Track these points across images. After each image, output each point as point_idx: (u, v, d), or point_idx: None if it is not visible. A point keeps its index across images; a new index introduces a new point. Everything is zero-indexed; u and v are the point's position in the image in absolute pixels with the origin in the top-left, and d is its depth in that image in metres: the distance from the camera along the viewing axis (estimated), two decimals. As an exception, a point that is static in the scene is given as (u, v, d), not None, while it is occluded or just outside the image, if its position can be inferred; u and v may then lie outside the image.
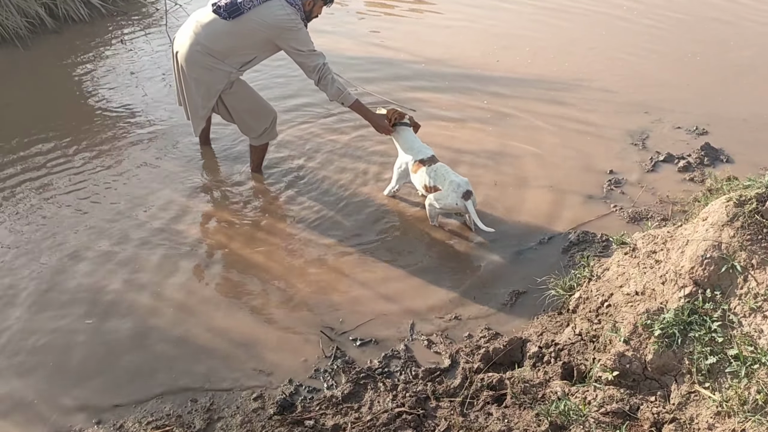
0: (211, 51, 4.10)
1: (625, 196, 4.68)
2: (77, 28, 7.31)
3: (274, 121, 4.59)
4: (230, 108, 4.41)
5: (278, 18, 4.06)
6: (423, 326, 3.60)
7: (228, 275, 3.96)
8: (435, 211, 4.25)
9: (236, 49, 4.14)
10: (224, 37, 4.09)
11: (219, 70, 4.18)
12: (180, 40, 4.20)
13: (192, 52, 4.12)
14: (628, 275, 3.29)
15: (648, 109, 5.89)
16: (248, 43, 4.15)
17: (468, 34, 7.63)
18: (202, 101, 4.32)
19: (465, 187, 4.06)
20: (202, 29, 4.09)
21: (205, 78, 4.21)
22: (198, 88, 4.26)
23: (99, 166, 4.91)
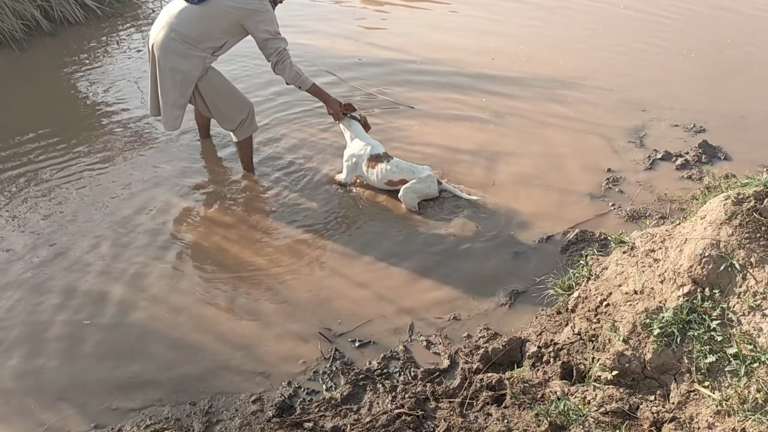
0: (185, 37, 4.15)
1: (624, 194, 4.67)
2: (73, 29, 7.30)
3: (251, 113, 4.61)
4: (206, 98, 4.44)
5: (246, 3, 4.16)
6: (422, 327, 3.59)
7: (224, 277, 3.94)
8: (414, 199, 4.48)
9: (208, 33, 4.20)
10: (196, 23, 4.15)
11: (194, 56, 4.22)
12: (154, 32, 4.25)
13: (167, 41, 4.16)
14: (627, 274, 3.29)
15: (645, 106, 5.90)
16: (219, 26, 4.20)
17: (462, 33, 7.65)
18: (180, 90, 4.32)
19: (434, 176, 4.52)
20: (175, 18, 4.16)
21: (181, 66, 4.23)
22: (174, 76, 4.26)
23: (95, 167, 4.89)
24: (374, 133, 5.11)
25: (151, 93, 4.50)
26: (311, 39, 7.24)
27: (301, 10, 8.26)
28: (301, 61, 6.55)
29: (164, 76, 4.29)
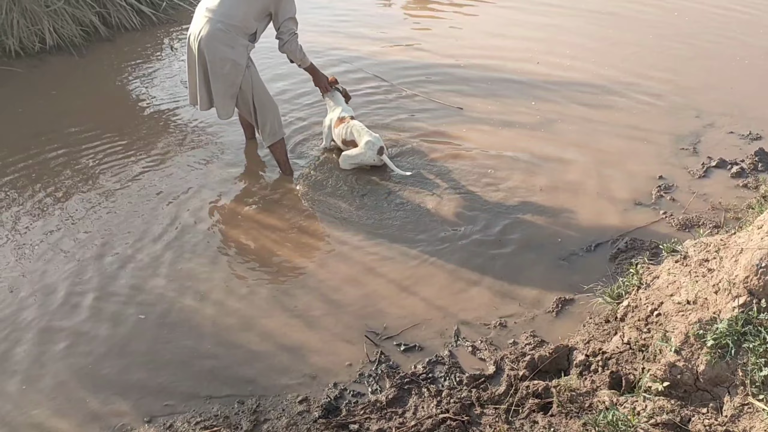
0: (230, 27, 4.30)
1: (676, 202, 4.58)
2: (129, 35, 7.51)
3: (277, 116, 4.75)
4: (244, 91, 4.54)
5: None
6: (467, 332, 3.59)
7: (274, 279, 4.01)
8: (348, 162, 4.92)
9: (247, 21, 4.36)
10: (237, 10, 4.31)
11: (239, 45, 4.37)
12: (197, 26, 4.36)
13: (214, 31, 4.28)
14: (679, 284, 3.22)
15: (698, 112, 5.78)
16: (253, 13, 4.36)
17: (508, 37, 7.62)
18: (231, 79, 4.44)
19: (378, 143, 4.81)
20: (217, 8, 4.30)
21: (230, 55, 4.35)
22: (224, 66, 4.38)
23: (149, 168, 5.02)
24: (423, 136, 5.22)
25: (191, 84, 4.64)
26: (355, 44, 7.31)
27: (348, 15, 8.36)
28: (347, 66, 6.70)
29: (215, 68, 4.40)
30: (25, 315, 3.67)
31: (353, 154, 4.87)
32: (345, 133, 4.94)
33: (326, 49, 7.15)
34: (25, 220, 4.44)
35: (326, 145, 5.23)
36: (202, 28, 4.32)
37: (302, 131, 5.53)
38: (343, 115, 5.03)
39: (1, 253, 4.13)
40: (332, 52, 7.10)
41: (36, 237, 4.27)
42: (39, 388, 3.25)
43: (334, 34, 7.68)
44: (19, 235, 4.30)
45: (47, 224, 4.40)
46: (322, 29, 7.77)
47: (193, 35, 4.40)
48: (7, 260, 4.07)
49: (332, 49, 7.18)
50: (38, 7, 6.80)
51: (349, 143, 4.94)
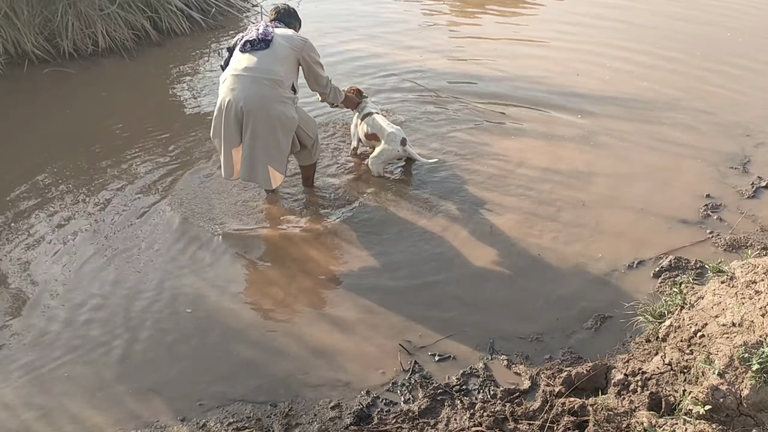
0: (276, 82, 4.13)
1: (723, 222, 4.46)
2: (179, 40, 7.67)
3: (318, 135, 4.70)
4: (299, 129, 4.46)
5: (295, 36, 4.33)
6: (503, 345, 3.54)
7: (310, 285, 4.01)
8: (377, 165, 4.94)
9: (287, 73, 4.21)
10: (276, 64, 4.15)
11: (288, 99, 4.22)
12: (237, 93, 4.10)
13: (263, 90, 4.10)
14: (725, 305, 3.12)
15: (749, 131, 5.64)
16: (288, 64, 4.23)
17: (551, 49, 7.55)
18: (287, 137, 4.30)
19: (400, 134, 4.87)
20: (256, 66, 4.12)
21: (287, 113, 4.20)
22: (285, 124, 4.22)
23: (191, 173, 5.08)
24: (463, 145, 5.31)
25: (227, 156, 4.33)
26: (400, 55, 7.33)
27: (392, 24, 8.39)
28: (387, 73, 6.72)
29: (274, 129, 4.19)
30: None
31: (378, 153, 4.91)
32: (368, 126, 4.96)
33: (368, 56, 7.23)
34: (68, 220, 4.54)
35: (354, 144, 5.26)
36: (247, 90, 4.08)
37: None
38: (368, 111, 5.05)
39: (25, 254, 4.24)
40: (373, 60, 7.18)
41: (73, 237, 4.37)
42: (80, 383, 3.31)
43: (376, 41, 7.72)
44: (62, 236, 4.40)
45: (85, 225, 4.50)
46: (365, 37, 7.85)
47: (233, 100, 4.10)
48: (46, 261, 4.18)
49: (373, 56, 7.26)
50: (92, 10, 7.01)
51: (372, 137, 4.98)
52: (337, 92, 4.74)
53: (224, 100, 4.17)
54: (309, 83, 4.55)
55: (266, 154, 4.27)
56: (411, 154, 4.95)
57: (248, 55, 4.18)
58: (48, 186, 4.89)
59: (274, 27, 4.33)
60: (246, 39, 4.24)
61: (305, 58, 4.32)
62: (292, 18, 4.54)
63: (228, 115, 4.17)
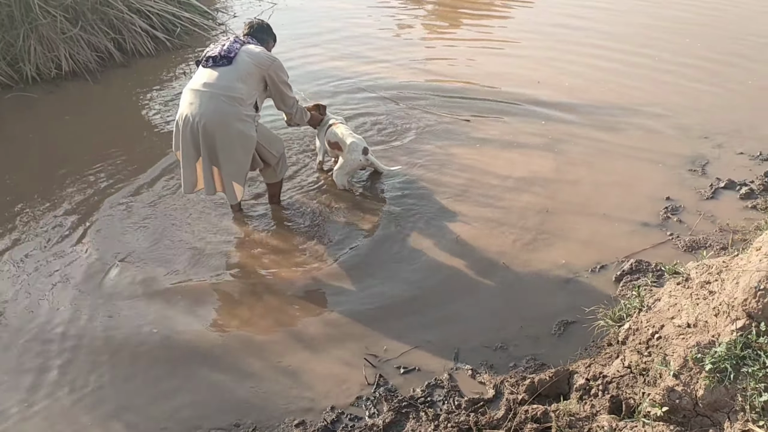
0: (236, 99, 4.09)
1: (683, 224, 4.53)
2: (144, 61, 7.64)
3: (283, 150, 4.69)
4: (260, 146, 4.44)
5: (263, 53, 4.27)
6: (468, 355, 3.56)
7: (276, 303, 4.00)
8: (341, 177, 4.93)
9: (249, 90, 4.17)
10: (236, 81, 4.11)
11: (248, 117, 4.18)
12: (194, 108, 4.08)
13: (222, 107, 4.06)
14: (680, 306, 3.17)
15: (707, 134, 5.75)
16: (252, 82, 4.20)
17: (519, 62, 7.63)
18: (246, 154, 4.27)
19: (362, 144, 4.87)
20: (215, 82, 4.09)
21: (246, 131, 4.17)
22: (244, 142, 4.20)
23: (155, 196, 5.05)
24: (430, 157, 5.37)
25: (188, 172, 4.31)
26: (366, 66, 7.39)
27: (359, 37, 8.45)
28: (353, 86, 6.76)
29: (228, 148, 4.16)
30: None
31: (341, 164, 4.91)
32: (331, 135, 4.96)
33: (333, 69, 7.28)
34: (30, 243, 4.50)
35: (320, 158, 5.27)
36: (204, 106, 4.05)
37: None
38: (331, 121, 5.06)
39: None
40: (338, 73, 7.23)
41: (36, 262, 4.33)
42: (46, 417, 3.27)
43: (343, 56, 7.75)
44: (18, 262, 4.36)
45: (49, 250, 4.46)
46: (331, 51, 7.89)
47: (190, 116, 4.08)
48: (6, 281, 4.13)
49: (339, 70, 7.31)
50: (55, 34, 6.98)
51: (334, 146, 4.97)
52: (303, 113, 4.77)
53: (182, 114, 4.16)
54: (275, 103, 4.55)
55: (227, 171, 4.28)
56: (374, 163, 4.97)
57: (209, 71, 4.17)
58: (5, 209, 4.85)
59: (246, 42, 4.29)
60: (209, 54, 4.22)
61: (271, 77, 4.30)
62: (265, 34, 4.51)
63: (185, 130, 4.15)
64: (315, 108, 5.10)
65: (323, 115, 5.13)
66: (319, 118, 5.10)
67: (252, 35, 4.44)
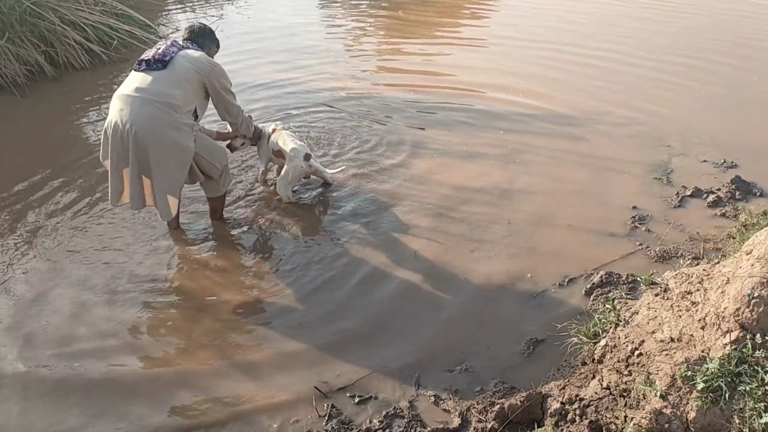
0: (171, 106, 3.73)
1: (651, 233, 4.30)
2: (78, 75, 7.17)
3: (227, 162, 4.32)
4: (201, 158, 4.07)
5: (203, 58, 3.95)
6: (429, 380, 3.20)
7: (216, 328, 3.58)
8: (285, 187, 4.59)
9: (186, 97, 3.83)
10: (172, 87, 3.76)
11: (185, 124, 3.81)
12: (125, 114, 3.69)
13: (155, 113, 3.69)
14: (661, 319, 2.89)
15: (669, 141, 5.58)
16: (190, 88, 3.85)
17: (474, 71, 7.42)
18: (181, 166, 3.88)
19: (304, 150, 4.53)
20: (148, 87, 3.73)
21: (181, 141, 3.79)
22: (177, 152, 3.81)
23: (84, 212, 4.61)
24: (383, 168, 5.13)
25: (115, 181, 3.89)
26: (319, 79, 7.08)
27: (312, 51, 8.14)
28: (303, 99, 6.44)
29: (161, 158, 3.77)
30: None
31: (283, 174, 4.58)
32: (273, 142, 4.65)
33: (280, 81, 6.98)
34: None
35: (263, 168, 4.88)
36: (135, 113, 3.67)
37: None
38: (275, 127, 4.76)
39: None
40: (287, 86, 6.90)
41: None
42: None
43: (292, 68, 7.44)
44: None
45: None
46: (280, 64, 7.57)
47: (120, 123, 3.69)
48: None
49: (287, 82, 6.99)
50: (-22, 46, 6.47)
51: (278, 154, 4.64)
52: (249, 124, 4.48)
53: (111, 121, 3.76)
54: (219, 113, 4.19)
55: (159, 183, 3.86)
56: (317, 169, 4.65)
57: (142, 75, 3.80)
58: None
59: (185, 47, 3.96)
60: (142, 57, 3.86)
61: (212, 84, 3.95)
62: (206, 39, 4.17)
63: (114, 139, 3.75)
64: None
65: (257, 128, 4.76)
66: (259, 132, 4.75)
67: (192, 40, 4.10)
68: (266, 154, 4.79)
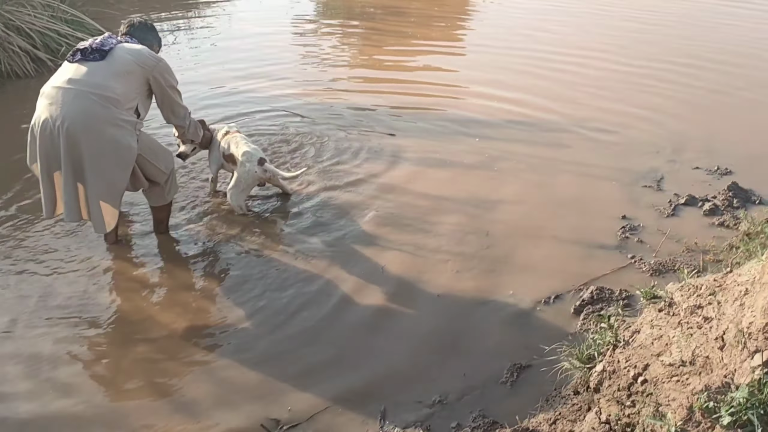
0: (108, 99, 3.30)
1: (644, 245, 3.89)
2: (22, 83, 6.65)
3: (173, 166, 3.87)
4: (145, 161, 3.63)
5: (145, 52, 3.53)
6: (397, 414, 2.72)
7: (151, 357, 3.08)
8: (236, 196, 4.13)
9: (128, 92, 3.40)
10: (111, 79, 3.33)
11: (125, 122, 3.37)
12: (55, 109, 3.22)
13: (91, 109, 3.24)
14: (668, 339, 2.44)
15: (658, 148, 5.22)
16: (129, 82, 3.42)
17: (449, 76, 7.08)
18: (123, 169, 3.42)
19: (257, 154, 4.11)
20: (83, 79, 3.29)
21: (121, 139, 3.34)
22: (117, 155, 3.36)
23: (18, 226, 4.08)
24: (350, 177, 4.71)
25: (48, 190, 3.43)
26: (282, 87, 6.65)
27: (271, 57, 7.73)
28: (266, 108, 5.99)
29: (103, 156, 3.31)
30: None
31: (235, 181, 4.10)
32: (225, 146, 4.20)
33: (243, 86, 6.52)
34: None
35: (213, 174, 4.42)
36: (67, 107, 3.22)
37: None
38: (227, 129, 4.32)
39: None
40: (251, 94, 6.46)
41: None
42: None
43: (254, 75, 7.00)
44: None
45: None
46: (241, 71, 7.13)
47: (50, 119, 3.23)
48: None
49: (250, 91, 6.55)
50: None
51: (229, 159, 4.19)
52: (198, 127, 4.04)
53: (39, 118, 3.28)
54: (163, 113, 3.73)
55: (94, 189, 3.36)
56: (274, 175, 4.18)
57: (76, 65, 3.35)
58: None
59: (123, 41, 3.52)
60: (77, 47, 3.40)
61: (157, 80, 3.51)
62: (148, 34, 3.74)
63: (43, 138, 3.27)
64: (207, 127, 4.32)
65: (209, 131, 4.34)
66: (209, 136, 4.31)
67: (131, 35, 3.67)
68: (217, 159, 4.33)
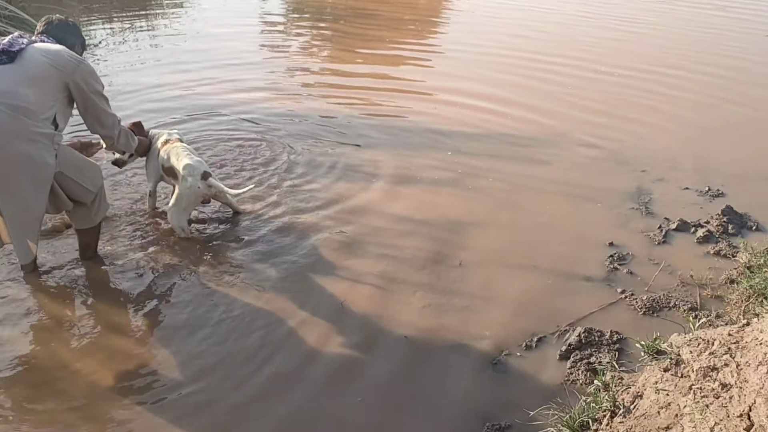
0: (19, 109, 2.88)
1: (635, 277, 3.48)
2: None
3: (102, 183, 3.40)
4: (67, 179, 3.15)
5: (64, 52, 3.09)
6: (352, 493, 2.26)
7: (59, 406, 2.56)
8: (177, 215, 3.63)
9: (43, 100, 2.98)
10: (21, 85, 2.92)
11: (41, 134, 2.95)
12: None
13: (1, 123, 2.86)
14: (678, 408, 2.02)
15: (645, 166, 4.85)
16: (44, 88, 2.99)
17: (420, 85, 6.74)
18: (37, 192, 3.00)
19: (201, 167, 3.63)
20: None
21: (36, 156, 2.93)
22: (30, 174, 2.95)
23: None
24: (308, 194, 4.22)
25: None
26: (241, 93, 6.18)
27: (234, 59, 7.25)
28: (220, 115, 5.54)
29: (15, 177, 2.92)
30: None
31: (175, 199, 3.62)
32: (165, 157, 3.73)
33: (198, 96, 6.04)
34: None
35: (151, 188, 3.95)
36: None
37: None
38: (167, 137, 3.85)
39: None
40: (199, 95, 6.05)
41: None
42: None
43: (228, 83, 6.52)
44: None
45: None
46: (201, 76, 6.68)
47: None
48: None
49: (201, 91, 6.14)
50: None
51: (169, 172, 3.72)
52: (129, 138, 3.55)
53: None
54: (87, 123, 3.25)
55: (11, 216, 2.95)
56: (219, 191, 3.68)
57: None
58: None
59: (36, 41, 3.07)
60: None
61: (78, 85, 3.06)
62: (68, 34, 3.29)
63: None
64: (133, 127, 3.77)
65: (147, 137, 3.88)
66: (147, 142, 3.85)
67: (48, 33, 3.22)
68: (155, 171, 3.85)
